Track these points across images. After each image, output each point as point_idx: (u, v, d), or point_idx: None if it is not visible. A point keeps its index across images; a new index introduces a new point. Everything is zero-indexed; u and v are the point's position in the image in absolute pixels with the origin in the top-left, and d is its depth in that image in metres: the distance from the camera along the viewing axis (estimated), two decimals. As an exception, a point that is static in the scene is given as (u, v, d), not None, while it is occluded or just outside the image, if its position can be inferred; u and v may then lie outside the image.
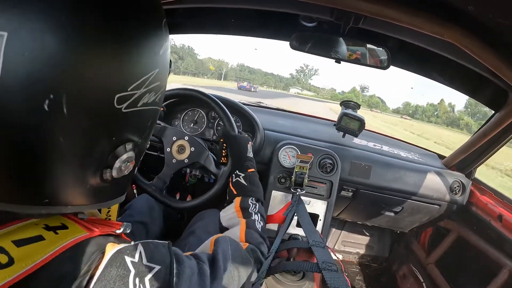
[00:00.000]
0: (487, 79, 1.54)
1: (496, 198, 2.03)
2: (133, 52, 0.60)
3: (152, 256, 0.67)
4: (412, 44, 1.51)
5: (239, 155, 1.45)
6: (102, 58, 0.55)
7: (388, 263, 3.00)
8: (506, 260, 1.86)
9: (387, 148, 2.34)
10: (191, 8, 1.66)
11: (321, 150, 1.95)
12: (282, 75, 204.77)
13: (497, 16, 1.00)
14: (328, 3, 1.23)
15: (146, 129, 0.72)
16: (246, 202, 1.24)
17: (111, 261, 0.60)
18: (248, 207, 1.22)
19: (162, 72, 0.69)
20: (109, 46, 0.56)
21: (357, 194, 2.12)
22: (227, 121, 1.61)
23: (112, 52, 0.57)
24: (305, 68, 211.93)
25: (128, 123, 0.64)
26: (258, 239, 1.11)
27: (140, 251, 0.66)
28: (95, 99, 0.56)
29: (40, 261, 0.55)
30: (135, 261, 0.63)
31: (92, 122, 0.57)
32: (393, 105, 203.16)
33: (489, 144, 1.99)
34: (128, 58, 0.60)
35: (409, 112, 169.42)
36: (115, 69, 0.58)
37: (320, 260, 1.01)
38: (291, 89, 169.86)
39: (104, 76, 0.56)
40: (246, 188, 1.31)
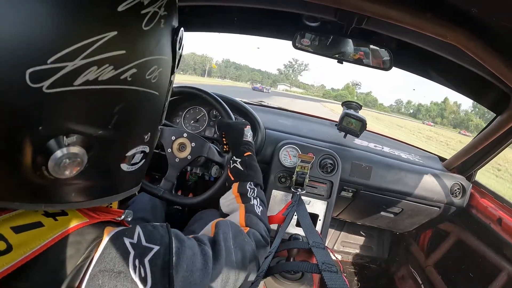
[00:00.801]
0: (490, 82, 1.54)
1: (496, 202, 2.03)
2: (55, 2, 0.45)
3: (151, 237, 0.66)
4: (415, 45, 1.51)
5: (234, 140, 1.44)
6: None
7: (387, 265, 2.99)
8: (505, 264, 1.86)
9: (388, 149, 2.34)
10: (195, 6, 1.66)
11: (322, 150, 1.94)
12: (270, 71, 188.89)
13: (501, 19, 1.00)
14: (331, 3, 1.23)
15: (109, 116, 0.56)
16: (244, 187, 1.23)
17: (110, 243, 0.60)
18: (246, 192, 1.21)
19: (128, 36, 0.54)
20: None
21: (357, 195, 2.12)
22: (223, 110, 1.62)
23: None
24: (294, 63, 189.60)
25: (60, 108, 0.49)
26: (258, 223, 1.10)
27: (138, 232, 0.65)
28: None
29: (38, 248, 0.54)
30: (134, 242, 0.63)
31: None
32: (388, 103, 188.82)
33: (490, 147, 1.99)
34: (44, 10, 0.44)
35: (410, 111, 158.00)
36: (21, 29, 0.43)
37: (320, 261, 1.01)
38: (278, 86, 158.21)
39: (4, 41, 0.42)
40: (243, 173, 1.30)
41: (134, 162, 0.68)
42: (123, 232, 0.63)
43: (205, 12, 1.77)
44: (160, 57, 0.62)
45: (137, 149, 0.67)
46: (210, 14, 1.80)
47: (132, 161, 0.67)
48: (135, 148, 0.66)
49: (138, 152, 0.67)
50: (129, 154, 0.65)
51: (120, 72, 0.53)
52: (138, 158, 0.69)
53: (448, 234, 2.37)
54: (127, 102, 0.58)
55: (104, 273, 0.58)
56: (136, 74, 0.56)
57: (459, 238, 2.26)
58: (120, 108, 0.57)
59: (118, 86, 0.54)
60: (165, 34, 0.63)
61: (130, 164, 0.67)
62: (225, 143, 1.57)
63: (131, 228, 0.66)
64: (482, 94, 1.81)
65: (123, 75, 0.54)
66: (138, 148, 0.67)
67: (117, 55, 0.52)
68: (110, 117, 0.56)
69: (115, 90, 0.54)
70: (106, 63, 0.51)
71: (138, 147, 0.67)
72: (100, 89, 0.52)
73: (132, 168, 0.68)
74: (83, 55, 0.48)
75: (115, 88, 0.54)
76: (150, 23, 0.57)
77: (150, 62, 0.60)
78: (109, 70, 0.52)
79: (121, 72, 0.54)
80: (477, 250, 2.07)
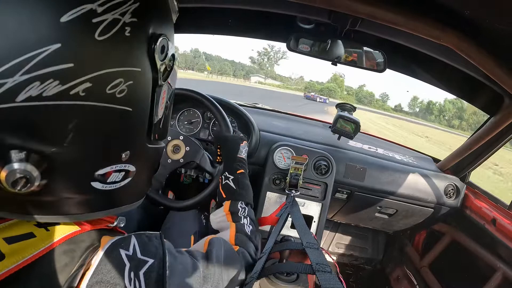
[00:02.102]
0: (483, 84, 1.55)
1: (490, 202, 2.04)
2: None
3: (146, 249, 0.68)
4: (409, 47, 1.52)
5: (229, 155, 1.44)
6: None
7: (382, 266, 3.00)
8: (499, 264, 1.86)
9: (382, 150, 2.34)
10: (188, 8, 1.66)
11: (316, 152, 1.95)
12: (245, 62, 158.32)
13: (494, 21, 1.01)
14: (325, 5, 1.23)
15: (62, 133, 0.53)
16: (236, 206, 1.23)
17: (107, 254, 0.61)
18: (237, 211, 1.21)
19: (75, 48, 0.50)
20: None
21: (352, 196, 2.12)
22: (222, 121, 1.61)
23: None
24: (269, 50, 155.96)
25: (6, 125, 0.48)
26: (248, 242, 1.10)
27: (134, 244, 0.67)
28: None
29: (31, 257, 0.55)
30: (130, 254, 0.64)
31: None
32: (390, 100, 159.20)
33: (484, 148, 2.00)
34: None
35: (416, 110, 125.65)
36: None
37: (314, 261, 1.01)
38: (252, 78, 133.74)
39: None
40: (235, 191, 1.29)
41: (112, 181, 0.64)
42: (120, 243, 0.65)
43: (199, 14, 1.77)
44: (128, 69, 0.58)
45: (111, 167, 0.62)
46: (204, 16, 1.79)
47: (108, 179, 0.63)
48: (109, 167, 0.61)
49: (114, 170, 0.63)
50: (100, 173, 0.60)
51: (68, 87, 0.50)
52: (117, 177, 0.65)
53: (443, 234, 2.37)
54: (83, 119, 0.54)
55: (101, 284, 0.59)
56: (91, 88, 0.52)
57: (454, 239, 2.27)
58: (75, 125, 0.53)
59: (68, 102, 0.51)
60: (134, 43, 0.59)
61: (105, 182, 0.62)
62: (219, 154, 1.57)
63: (126, 239, 0.67)
64: (475, 95, 1.82)
65: (73, 90, 0.50)
66: (112, 167, 0.62)
67: (63, 69, 0.49)
68: (63, 134, 0.53)
69: (65, 106, 0.51)
70: (50, 78, 0.48)
71: (113, 166, 0.62)
72: (47, 105, 0.49)
73: (111, 186, 0.64)
74: (22, 70, 0.46)
75: (65, 104, 0.50)
76: (107, 32, 0.53)
77: (112, 74, 0.55)
78: (54, 85, 0.48)
79: (70, 87, 0.50)
80: (471, 250, 2.08)
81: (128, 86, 0.58)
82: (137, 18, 0.57)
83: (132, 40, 0.58)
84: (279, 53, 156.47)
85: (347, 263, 3.04)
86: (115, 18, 0.53)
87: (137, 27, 0.58)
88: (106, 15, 0.52)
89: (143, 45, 0.61)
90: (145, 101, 0.65)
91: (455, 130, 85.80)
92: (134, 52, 0.59)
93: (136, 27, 0.58)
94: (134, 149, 0.66)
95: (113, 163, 0.62)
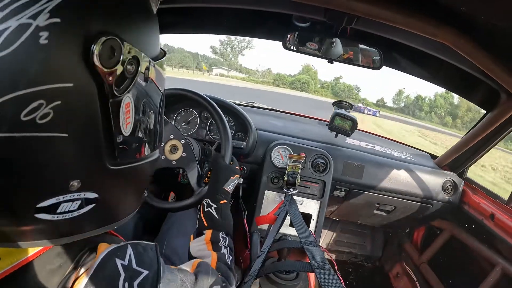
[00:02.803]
0: (479, 80, 1.55)
1: (488, 197, 2.05)
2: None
3: (141, 260, 0.67)
4: (405, 44, 1.52)
5: (216, 184, 1.42)
6: None
7: (381, 263, 3.00)
8: (498, 259, 1.87)
9: (380, 147, 2.35)
10: (184, 8, 1.65)
11: (314, 150, 1.95)
12: (209, 55, 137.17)
13: (489, 18, 1.01)
14: (321, 3, 1.23)
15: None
16: (217, 236, 1.22)
17: (103, 263, 0.61)
18: (218, 241, 1.20)
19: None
20: None
21: (350, 194, 2.13)
22: (224, 143, 1.57)
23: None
24: (233, 39, 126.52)
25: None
26: (227, 272, 1.09)
27: (129, 254, 0.66)
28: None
29: (26, 258, 0.56)
30: (125, 264, 0.64)
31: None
32: (370, 95, 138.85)
33: (481, 144, 2.01)
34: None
35: (401, 106, 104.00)
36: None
37: (313, 259, 1.01)
38: (214, 70, 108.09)
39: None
40: (218, 221, 1.28)
41: (64, 211, 0.56)
42: (116, 252, 0.64)
43: (195, 14, 1.76)
44: (50, 86, 0.46)
45: (57, 199, 0.54)
46: (200, 16, 1.79)
47: (59, 210, 0.55)
48: (54, 198, 0.54)
49: (63, 201, 0.55)
50: (44, 205, 0.53)
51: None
52: (72, 207, 0.57)
53: (441, 230, 2.38)
54: (1, 152, 0.46)
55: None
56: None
57: (452, 235, 2.28)
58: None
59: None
60: (57, 52, 0.47)
61: (55, 213, 0.55)
62: (208, 176, 1.55)
63: (122, 248, 0.66)
64: (472, 91, 1.82)
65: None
66: (59, 198, 0.54)
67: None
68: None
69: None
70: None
71: (59, 197, 0.54)
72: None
73: (66, 216, 0.57)
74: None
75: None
76: (12, 43, 0.43)
77: (26, 97, 0.45)
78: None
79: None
80: (470, 246, 2.08)
81: (55, 108, 0.47)
82: (61, 18, 0.46)
83: (52, 49, 0.46)
84: (244, 42, 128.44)
85: (347, 261, 3.05)
86: (22, 23, 0.43)
87: (61, 29, 0.46)
88: (8, 22, 0.42)
89: (74, 52, 0.49)
90: (92, 121, 0.54)
91: (449, 129, 69.51)
92: (58, 64, 0.47)
93: (59, 29, 0.46)
94: (89, 175, 0.58)
95: (58, 194, 0.54)
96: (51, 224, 0.56)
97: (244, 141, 1.97)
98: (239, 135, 2.07)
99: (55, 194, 0.54)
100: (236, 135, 2.07)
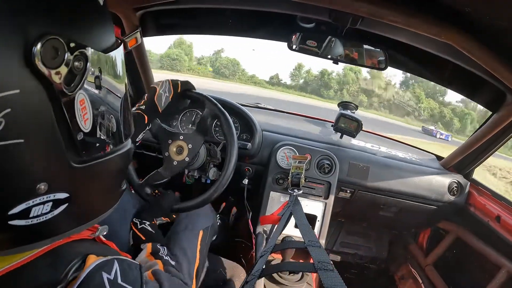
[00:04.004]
0: (485, 80, 1.54)
1: (494, 199, 2.03)
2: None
3: (126, 277, 0.69)
4: (410, 45, 1.52)
5: (156, 212, 1.47)
6: None
7: (387, 265, 2.99)
8: (504, 261, 1.86)
9: (385, 149, 2.34)
10: (188, 9, 1.66)
11: (319, 151, 1.95)
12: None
13: (495, 17, 1.01)
14: (326, 4, 1.24)
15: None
16: (156, 247, 1.25)
17: (90, 276, 0.62)
18: (158, 251, 1.23)
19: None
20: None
21: (355, 195, 2.12)
22: (230, 144, 1.54)
23: None
24: None
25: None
26: (178, 273, 1.15)
27: (116, 269, 0.67)
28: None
29: (12, 265, 0.58)
30: (111, 279, 0.65)
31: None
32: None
33: (487, 145, 1.99)
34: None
35: (299, 83, 71.11)
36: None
37: (316, 259, 1.01)
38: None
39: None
40: (153, 235, 1.35)
41: (37, 214, 0.57)
42: (103, 266, 0.65)
43: (199, 15, 1.77)
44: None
45: (27, 204, 0.54)
46: (205, 17, 1.80)
47: (31, 214, 0.56)
48: (24, 204, 0.54)
49: (34, 205, 0.55)
50: (15, 212, 0.54)
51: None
52: (44, 209, 0.57)
53: (447, 232, 2.37)
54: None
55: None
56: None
57: (458, 237, 2.26)
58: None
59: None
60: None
61: (28, 218, 0.56)
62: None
63: (110, 262, 0.67)
64: (477, 92, 1.81)
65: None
66: (29, 202, 0.54)
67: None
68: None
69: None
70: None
71: (29, 202, 0.54)
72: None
73: (40, 219, 0.58)
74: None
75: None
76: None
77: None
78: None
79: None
80: (476, 248, 2.07)
81: (6, 117, 0.47)
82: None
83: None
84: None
85: (352, 262, 3.03)
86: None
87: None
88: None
89: (16, 58, 0.48)
90: (46, 123, 0.54)
91: (365, 109, 53.19)
92: (1, 73, 0.47)
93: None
94: (55, 177, 0.58)
95: (27, 199, 0.55)
96: (27, 229, 0.56)
97: (250, 142, 1.97)
98: (244, 136, 2.07)
99: (24, 199, 0.54)
100: (241, 136, 2.08)
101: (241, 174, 2.01)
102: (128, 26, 1.56)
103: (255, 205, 1.98)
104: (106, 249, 0.81)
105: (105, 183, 0.73)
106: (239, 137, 2.07)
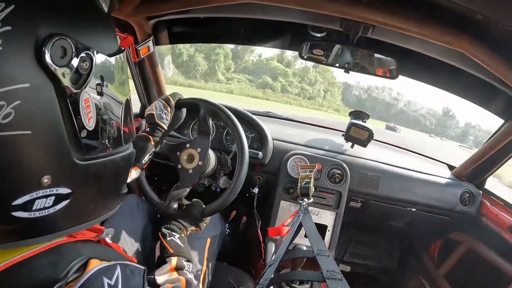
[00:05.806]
0: (497, 88, 1.54)
1: (507, 209, 2.01)
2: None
3: (127, 283, 0.68)
4: (421, 53, 1.52)
5: (189, 222, 1.46)
6: None
7: (397, 276, 2.95)
8: None
9: (396, 158, 2.32)
10: (201, 18, 1.68)
11: (330, 160, 1.95)
12: None
13: (506, 24, 1.01)
14: (337, 14, 1.24)
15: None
16: (182, 262, 1.25)
17: (91, 280, 0.62)
18: (183, 267, 1.24)
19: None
20: None
21: (366, 205, 2.11)
22: (241, 153, 1.55)
23: None
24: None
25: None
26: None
27: (117, 274, 0.66)
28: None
29: (11, 260, 0.58)
30: (111, 284, 0.64)
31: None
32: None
33: (499, 154, 1.97)
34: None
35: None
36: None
37: (325, 269, 1.00)
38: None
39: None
40: (182, 249, 1.32)
41: (40, 207, 0.60)
42: (104, 271, 0.65)
43: (212, 25, 1.79)
44: (8, 88, 0.50)
45: (31, 196, 0.58)
46: (217, 26, 1.82)
47: (34, 207, 0.59)
48: (28, 195, 0.57)
49: (37, 197, 0.59)
50: (19, 203, 0.57)
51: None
52: (46, 203, 0.61)
53: (459, 243, 2.34)
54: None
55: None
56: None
57: (470, 248, 2.23)
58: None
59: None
60: (11, 57, 0.51)
61: (31, 210, 0.59)
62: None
63: (112, 267, 0.67)
64: (489, 100, 1.80)
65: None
66: (32, 194, 0.58)
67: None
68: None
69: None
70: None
71: (33, 194, 0.58)
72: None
73: (42, 213, 0.61)
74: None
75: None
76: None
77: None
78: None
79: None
80: (488, 259, 2.04)
81: (16, 108, 0.51)
82: (12, 26, 0.50)
83: (7, 54, 0.50)
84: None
85: (362, 273, 3.00)
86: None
87: (13, 36, 0.50)
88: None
89: (28, 54, 0.52)
90: (52, 118, 0.58)
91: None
92: (14, 67, 0.51)
93: (11, 36, 0.50)
94: (58, 170, 0.61)
95: (31, 190, 0.58)
96: (29, 222, 0.59)
97: (260, 150, 1.97)
98: (255, 144, 2.07)
99: (28, 190, 0.57)
100: (252, 145, 2.08)
101: (251, 183, 2.01)
102: (141, 35, 1.59)
103: (265, 214, 1.98)
104: (110, 252, 0.81)
105: (106, 183, 0.75)
106: (250, 146, 2.07)
